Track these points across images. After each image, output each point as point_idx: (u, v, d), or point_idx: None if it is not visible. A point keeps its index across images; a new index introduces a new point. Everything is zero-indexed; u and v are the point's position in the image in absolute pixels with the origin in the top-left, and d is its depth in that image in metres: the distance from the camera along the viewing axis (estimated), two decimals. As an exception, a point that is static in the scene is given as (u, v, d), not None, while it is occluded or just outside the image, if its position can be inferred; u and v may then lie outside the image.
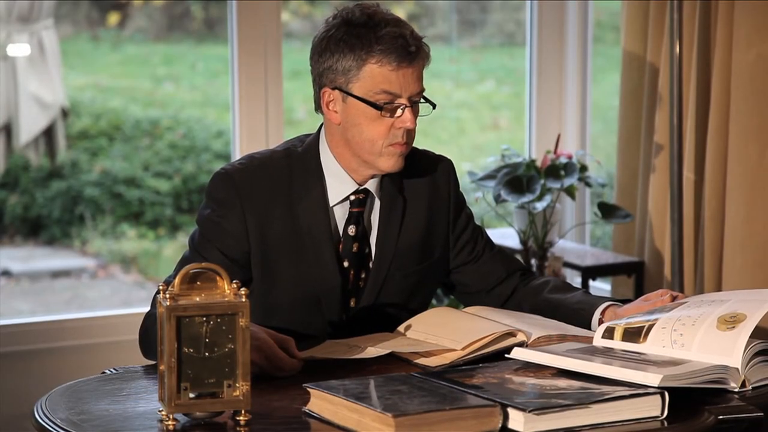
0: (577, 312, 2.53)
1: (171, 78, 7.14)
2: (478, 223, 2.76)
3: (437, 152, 2.74)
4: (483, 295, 2.67)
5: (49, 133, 5.63)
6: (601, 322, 2.48)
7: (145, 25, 7.09)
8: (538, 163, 4.04)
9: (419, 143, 2.69)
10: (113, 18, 7.01)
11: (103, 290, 6.33)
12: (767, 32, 3.56)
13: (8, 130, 5.43)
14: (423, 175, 2.62)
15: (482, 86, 7.10)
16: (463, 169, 3.99)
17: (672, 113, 3.66)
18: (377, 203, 2.55)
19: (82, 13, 6.91)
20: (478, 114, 6.99)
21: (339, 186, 2.51)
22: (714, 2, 3.70)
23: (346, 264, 2.53)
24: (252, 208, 2.48)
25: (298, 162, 2.52)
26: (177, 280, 1.99)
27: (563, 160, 4.00)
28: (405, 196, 2.58)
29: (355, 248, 2.53)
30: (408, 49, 2.41)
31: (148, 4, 7.01)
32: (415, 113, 2.48)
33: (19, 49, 5.28)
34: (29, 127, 5.49)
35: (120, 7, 6.98)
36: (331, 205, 2.52)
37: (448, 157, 2.72)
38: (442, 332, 2.40)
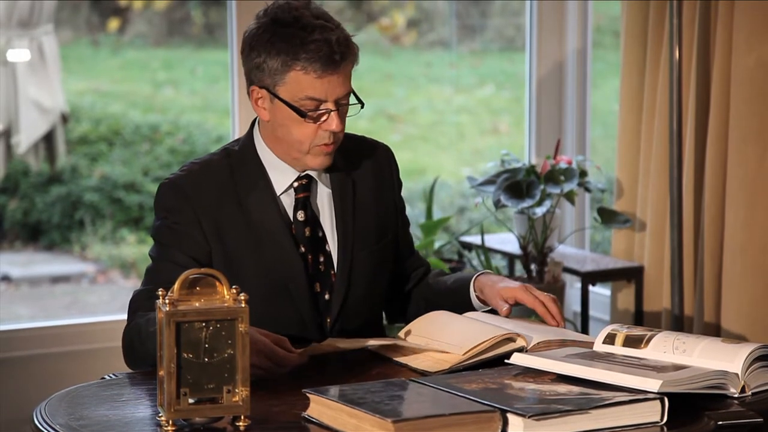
0: (454, 291, 2.62)
1: (171, 83, 7.15)
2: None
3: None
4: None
5: (48, 138, 5.64)
6: (476, 290, 2.58)
7: (145, 31, 7.09)
8: (538, 169, 4.05)
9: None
10: (113, 23, 7.02)
11: (102, 295, 6.33)
12: (767, 36, 3.56)
13: (8, 135, 5.44)
14: (365, 159, 2.66)
15: (482, 91, 7.10)
16: (462, 174, 4.00)
17: (672, 118, 3.66)
18: (321, 188, 2.59)
19: (82, 18, 6.92)
20: (477, 119, 7.00)
21: (281, 176, 2.55)
22: (714, 6, 3.70)
23: (302, 249, 2.56)
24: (203, 211, 2.51)
25: (237, 160, 2.56)
26: (176, 286, 1.99)
27: (563, 165, 4.00)
28: (353, 178, 2.62)
29: (307, 232, 2.56)
30: (333, 57, 2.43)
31: (148, 10, 7.01)
32: (343, 114, 2.51)
33: (19, 55, 5.28)
34: (29, 132, 5.49)
35: (120, 12, 6.98)
36: (278, 194, 2.55)
37: (386, 144, 2.77)
38: (443, 336, 2.40)
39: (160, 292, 1.98)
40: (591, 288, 4.03)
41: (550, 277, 3.99)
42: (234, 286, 2.01)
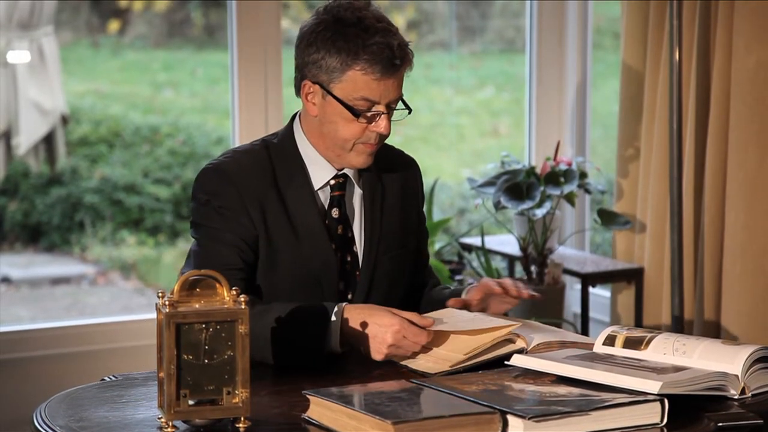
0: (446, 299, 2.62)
1: (171, 84, 7.15)
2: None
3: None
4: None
5: (48, 140, 5.63)
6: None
7: (145, 32, 7.09)
8: (538, 170, 4.05)
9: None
10: (113, 25, 7.02)
11: (102, 297, 6.33)
12: (767, 38, 3.56)
13: (8, 136, 5.44)
14: (394, 167, 2.69)
15: (482, 92, 7.10)
16: (462, 176, 4.00)
17: (672, 119, 3.66)
18: (356, 188, 2.61)
19: (83, 19, 6.92)
20: (477, 120, 7.00)
21: (319, 172, 2.57)
22: (714, 8, 3.70)
23: (333, 246, 2.57)
24: (248, 195, 2.52)
25: (277, 152, 2.58)
26: (176, 287, 1.99)
27: (563, 166, 4.00)
28: (382, 182, 2.65)
29: (339, 230, 2.58)
30: (393, 61, 2.46)
31: (148, 11, 7.01)
32: (391, 117, 2.53)
33: (20, 56, 5.28)
34: (29, 133, 5.49)
35: (120, 13, 6.98)
36: (315, 189, 2.56)
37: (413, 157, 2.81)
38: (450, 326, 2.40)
39: (159, 294, 1.98)
40: (591, 289, 4.03)
41: (550, 278, 3.99)
42: (234, 288, 2.01)
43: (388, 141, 2.69)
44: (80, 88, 6.91)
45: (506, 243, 4.28)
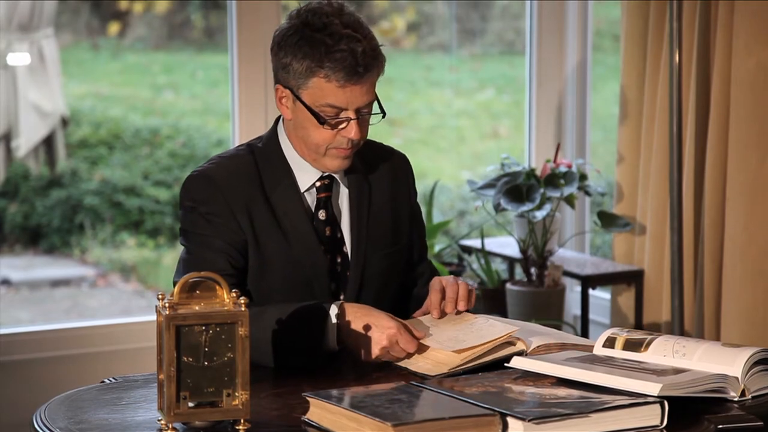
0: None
1: (171, 86, 7.15)
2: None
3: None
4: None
5: (48, 142, 5.64)
6: None
7: (146, 34, 7.10)
8: (538, 172, 4.05)
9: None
10: (113, 27, 7.02)
11: (102, 299, 6.33)
12: (767, 40, 3.56)
13: (8, 138, 5.44)
14: (382, 165, 2.68)
15: (482, 95, 7.10)
16: (462, 178, 3.99)
17: (672, 121, 3.66)
18: (343, 189, 2.61)
19: (83, 21, 6.92)
20: (477, 122, 7.00)
21: (304, 175, 2.58)
22: (714, 9, 3.70)
23: (323, 248, 2.57)
24: (235, 201, 2.52)
25: (262, 156, 2.58)
26: (176, 289, 1.99)
27: (563, 168, 4.00)
28: (369, 182, 2.64)
29: (327, 232, 2.58)
30: (356, 69, 2.44)
31: (148, 13, 7.01)
32: (364, 122, 2.52)
33: (19, 58, 5.29)
34: (29, 135, 5.50)
35: (120, 16, 6.99)
36: (302, 192, 2.57)
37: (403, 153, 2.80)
38: (442, 337, 2.40)
39: (159, 296, 1.98)
40: (591, 291, 4.03)
41: (550, 280, 3.99)
42: (234, 290, 2.01)
43: (384, 141, 2.68)
44: (80, 90, 6.91)
45: (506, 245, 4.28)
